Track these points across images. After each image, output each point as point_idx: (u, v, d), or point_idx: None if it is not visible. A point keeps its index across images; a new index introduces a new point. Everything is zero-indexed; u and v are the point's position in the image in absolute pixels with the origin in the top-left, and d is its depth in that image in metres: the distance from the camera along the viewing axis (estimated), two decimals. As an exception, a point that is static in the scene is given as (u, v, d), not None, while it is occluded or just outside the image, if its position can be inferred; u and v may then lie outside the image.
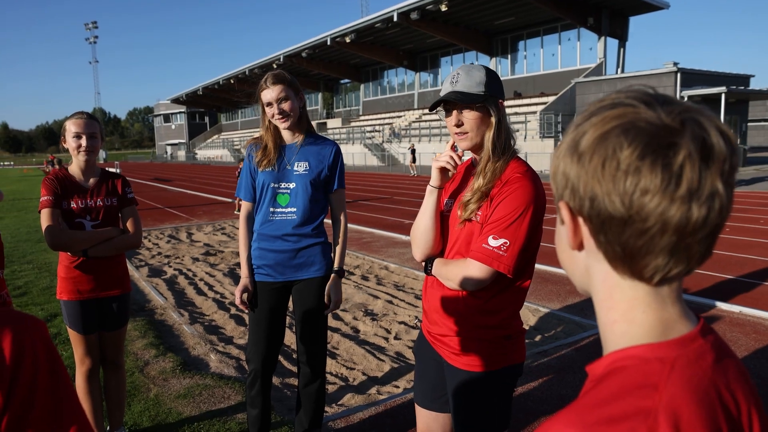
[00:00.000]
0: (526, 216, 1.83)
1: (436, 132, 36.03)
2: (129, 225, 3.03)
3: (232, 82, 58.12)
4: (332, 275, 2.87)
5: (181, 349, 4.80)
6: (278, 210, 2.78)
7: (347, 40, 38.33)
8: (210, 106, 79.62)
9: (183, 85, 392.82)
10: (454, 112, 1.95)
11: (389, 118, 45.12)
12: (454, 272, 1.92)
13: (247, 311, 2.91)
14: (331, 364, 4.36)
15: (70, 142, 2.86)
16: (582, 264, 0.73)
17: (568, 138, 0.69)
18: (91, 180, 2.97)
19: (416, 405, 2.24)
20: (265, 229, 2.80)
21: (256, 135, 2.91)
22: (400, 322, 5.30)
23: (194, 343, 4.91)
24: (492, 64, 37.40)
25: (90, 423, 0.88)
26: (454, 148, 2.02)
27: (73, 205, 2.87)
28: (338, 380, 4.13)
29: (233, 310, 5.83)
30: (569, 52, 34.56)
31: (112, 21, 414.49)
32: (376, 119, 47.11)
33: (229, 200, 17.90)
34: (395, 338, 4.94)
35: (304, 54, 44.19)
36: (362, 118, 49.85)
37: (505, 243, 1.82)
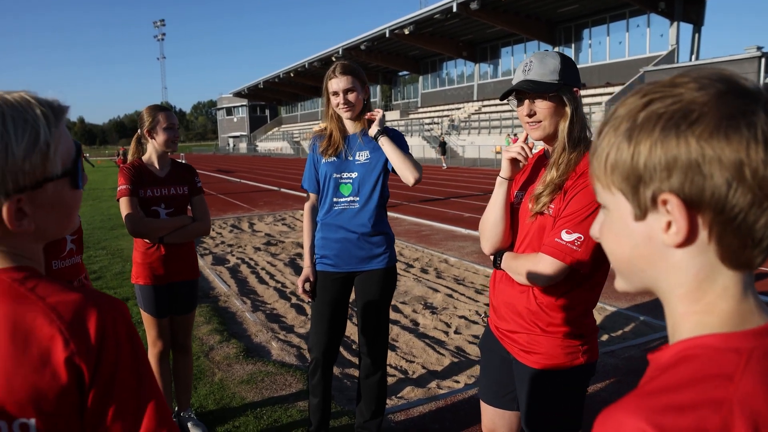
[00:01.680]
0: None
1: (496, 124, 35.46)
2: (199, 213, 3.13)
3: (291, 75, 59.02)
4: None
5: (244, 335, 4.91)
6: (341, 200, 2.78)
7: (406, 32, 38.17)
8: (270, 99, 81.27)
9: (245, 78, 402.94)
10: (526, 102, 1.88)
11: (448, 110, 44.75)
12: (524, 267, 1.85)
13: (309, 300, 2.94)
14: (390, 357, 4.35)
15: (161, 134, 2.99)
16: (658, 258, 0.66)
17: (664, 110, 0.61)
18: (165, 170, 3.08)
19: (481, 401, 2.19)
20: (328, 218, 2.81)
21: (315, 128, 2.91)
22: (461, 317, 5.24)
23: (256, 330, 5.02)
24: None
25: (165, 400, 0.91)
26: (525, 138, 1.96)
27: (149, 193, 2.98)
28: (398, 373, 4.12)
29: (294, 300, 5.92)
30: (638, 40, 33.16)
31: (179, 18, 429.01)
32: (434, 111, 46.81)
33: (290, 191, 18.23)
34: (455, 332, 4.89)
35: (362, 47, 44.35)
36: (420, 110, 49.64)
37: (579, 238, 1.74)
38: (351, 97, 2.69)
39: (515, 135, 31.49)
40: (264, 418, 3.42)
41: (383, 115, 2.75)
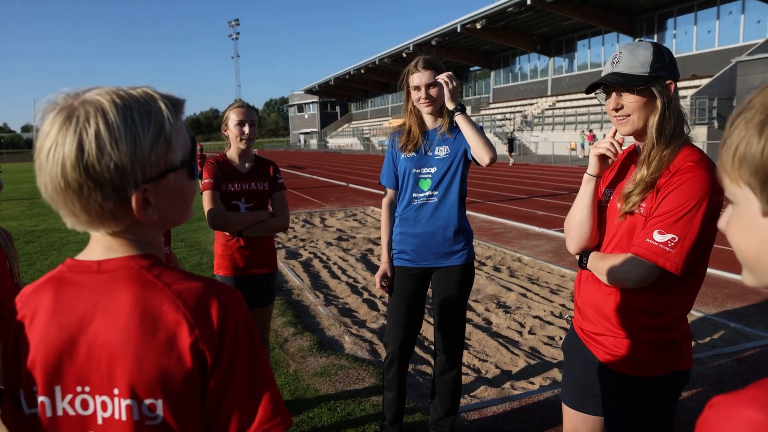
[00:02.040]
0: (699, 209, 1.64)
1: (571, 120, 34.38)
2: (278, 208, 3.19)
3: (362, 71, 59.54)
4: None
5: (317, 329, 5.00)
6: (420, 195, 2.78)
7: (478, 26, 37.60)
8: (341, 95, 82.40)
9: (316, 75, 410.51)
10: (613, 95, 1.80)
11: (520, 105, 43.81)
12: (612, 268, 1.78)
13: (386, 295, 2.95)
14: (463, 355, 4.31)
15: (232, 130, 3.06)
16: None
17: None
18: (247, 165, 3.15)
19: (563, 404, 2.12)
20: (407, 213, 2.81)
21: (386, 124, 2.90)
22: (535, 317, 5.12)
23: (329, 324, 5.10)
24: (635, 45, 34.73)
25: (278, 389, 0.93)
26: (614, 134, 1.88)
27: (231, 188, 3.07)
28: (471, 371, 4.07)
29: (366, 295, 5.97)
30: (729, 28, 31.03)
31: (252, 17, 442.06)
32: (506, 107, 45.97)
33: (360, 187, 18.42)
34: (529, 333, 4.78)
35: (433, 42, 44.08)
36: (492, 106, 48.86)
37: (673, 239, 1.65)
38: (433, 92, 2.68)
39: (590, 131, 30.44)
40: (337, 411, 3.47)
41: (454, 82, 2.62)
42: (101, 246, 0.92)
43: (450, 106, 2.64)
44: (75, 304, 0.89)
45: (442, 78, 2.62)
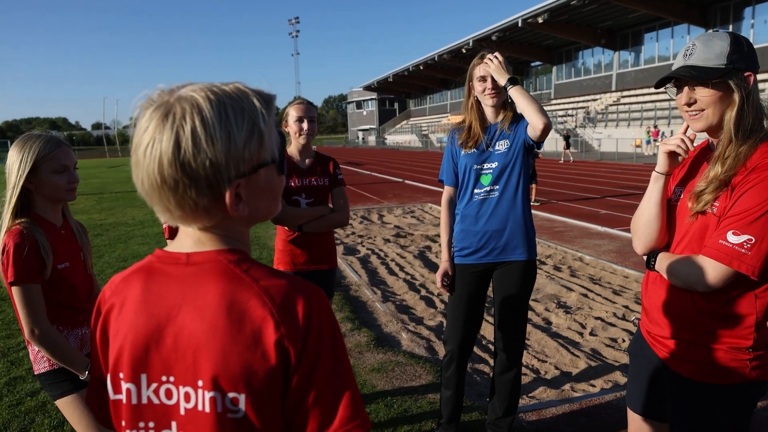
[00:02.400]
0: None
1: (636, 116, 33.14)
2: (338, 205, 3.20)
3: (421, 68, 59.34)
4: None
5: (374, 325, 5.04)
6: (481, 191, 2.75)
7: (539, 20, 36.73)
8: (400, 92, 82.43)
9: (374, 72, 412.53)
10: (685, 89, 1.71)
11: (583, 101, 42.58)
12: (682, 270, 1.70)
13: (444, 293, 2.94)
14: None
15: (292, 126, 3.10)
16: None
17: None
18: (307, 161, 3.19)
19: (628, 409, 2.06)
20: (468, 210, 2.80)
21: (444, 120, 2.88)
22: (596, 318, 4.98)
23: (386, 320, 5.12)
24: (707, 36, 32.94)
25: (359, 391, 0.92)
26: (685, 130, 1.80)
27: (291, 183, 3.11)
28: (530, 372, 4.01)
29: (424, 292, 5.97)
30: (811, 16, 29.16)
31: (312, 15, 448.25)
32: (568, 103, 44.77)
33: (418, 184, 18.40)
34: (591, 334, 4.65)
35: (493, 37, 43.39)
36: (554, 101, 47.69)
37: (750, 240, 1.57)
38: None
39: (656, 127, 29.25)
40: (394, 407, 3.49)
41: (500, 59, 2.62)
42: (190, 239, 0.94)
43: (501, 81, 2.61)
44: (163, 295, 0.91)
45: (488, 56, 2.61)
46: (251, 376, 0.86)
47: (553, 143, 37.10)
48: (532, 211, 3.57)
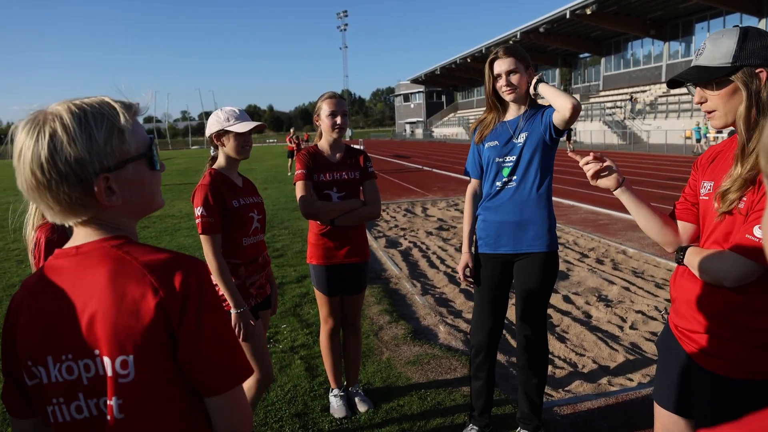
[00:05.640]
0: None
1: (686, 107, 31.80)
2: (369, 197, 3.24)
3: (468, 61, 58.72)
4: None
5: (412, 317, 5.08)
6: (503, 182, 2.79)
7: (588, 11, 35.68)
8: (447, 85, 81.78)
9: (422, 65, 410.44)
10: (698, 89, 1.72)
11: (632, 93, 41.20)
12: (710, 264, 1.69)
13: (470, 286, 2.97)
14: (559, 349, 4.22)
15: (324, 120, 3.16)
16: None
17: None
18: (338, 155, 3.23)
19: (655, 404, 2.04)
20: (490, 201, 2.84)
21: (483, 115, 2.91)
22: (637, 311, 4.88)
23: (425, 313, 5.16)
24: (762, 26, 31.12)
25: (242, 347, 1.11)
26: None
27: (322, 178, 3.16)
28: (566, 365, 3.98)
29: (463, 285, 5.97)
30: None
31: (360, 8, 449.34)
32: (617, 94, 43.39)
33: (464, 177, 18.28)
34: (631, 328, 4.57)
35: (541, 29, 42.46)
36: (602, 93, 46.31)
37: None
38: (514, 78, 2.68)
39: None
40: (428, 400, 3.53)
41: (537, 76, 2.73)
42: (81, 234, 1.07)
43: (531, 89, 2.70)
44: (57, 284, 1.04)
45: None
46: (135, 337, 0.98)
47: (601, 135, 36.07)
48: (578, 204, 3.51)
